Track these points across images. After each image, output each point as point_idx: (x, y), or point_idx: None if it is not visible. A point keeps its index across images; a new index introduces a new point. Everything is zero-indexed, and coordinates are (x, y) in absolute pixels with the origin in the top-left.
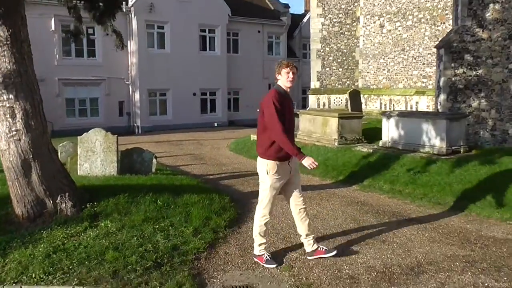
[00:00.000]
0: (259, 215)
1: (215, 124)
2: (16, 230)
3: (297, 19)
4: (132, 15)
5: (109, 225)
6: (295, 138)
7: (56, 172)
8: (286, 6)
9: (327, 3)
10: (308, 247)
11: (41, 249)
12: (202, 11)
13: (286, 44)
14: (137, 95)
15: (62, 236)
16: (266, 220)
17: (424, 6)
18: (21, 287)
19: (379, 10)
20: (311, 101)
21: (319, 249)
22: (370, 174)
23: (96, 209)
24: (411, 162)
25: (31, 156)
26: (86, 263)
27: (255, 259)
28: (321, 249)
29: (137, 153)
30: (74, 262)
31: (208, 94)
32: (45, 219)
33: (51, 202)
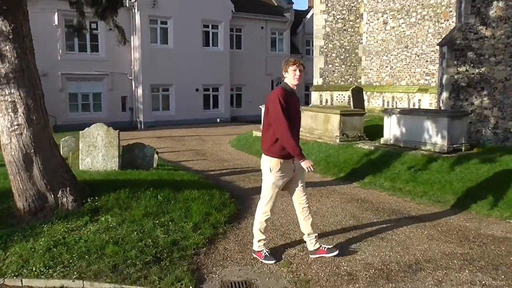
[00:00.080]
0: (260, 212)
1: (218, 120)
2: (18, 224)
3: (301, 15)
4: (136, 10)
5: (110, 220)
6: None
7: (58, 167)
8: (290, 2)
9: (331, 0)
10: (310, 246)
11: (42, 243)
12: (206, 7)
13: (289, 40)
14: (140, 90)
15: (63, 230)
16: (267, 217)
17: (428, 3)
18: (22, 280)
19: (383, 7)
20: (314, 98)
21: (321, 248)
22: (371, 172)
23: (97, 204)
24: (412, 160)
25: (33, 151)
26: (86, 257)
27: (254, 255)
28: (323, 249)
29: (139, 148)
30: (74, 256)
31: (211, 90)
32: (46, 213)
33: (52, 196)
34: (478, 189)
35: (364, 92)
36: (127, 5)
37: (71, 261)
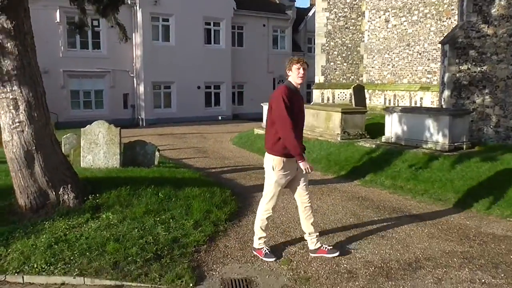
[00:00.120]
0: (262, 209)
1: (219, 118)
2: (19, 221)
3: (303, 13)
4: (137, 8)
5: (111, 217)
6: None
7: (59, 164)
8: (292, 0)
9: None
10: (311, 245)
11: (43, 240)
12: (207, 4)
13: (291, 38)
14: (142, 88)
15: (64, 227)
16: (269, 215)
17: (430, 1)
18: (23, 277)
19: (385, 5)
20: (315, 96)
21: (322, 248)
22: (372, 170)
23: (98, 201)
24: (413, 158)
25: (34, 148)
26: (87, 254)
27: (254, 252)
28: (324, 249)
29: (140, 146)
30: (75, 253)
31: (213, 88)
32: (48, 210)
33: (54, 194)
34: (479, 188)
35: (366, 90)
36: (129, 2)
37: (72, 258)
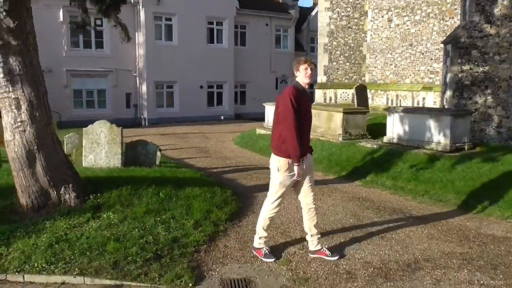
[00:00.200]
0: (267, 209)
1: (222, 117)
2: (20, 220)
3: (306, 13)
4: (140, 7)
5: (111, 217)
6: None
7: (60, 163)
8: None
9: None
10: (312, 246)
11: (44, 239)
12: (210, 4)
13: (294, 38)
14: (144, 87)
15: (65, 227)
16: (273, 215)
17: (433, 1)
18: (24, 276)
19: (388, 4)
20: (318, 96)
21: (322, 250)
22: (373, 170)
23: (99, 201)
24: (414, 159)
25: (36, 147)
26: (88, 254)
27: (254, 252)
28: (324, 251)
29: (142, 146)
30: (76, 252)
31: (215, 87)
32: (49, 210)
33: (55, 193)
34: (480, 189)
35: (368, 90)
36: (132, 2)
37: (73, 258)
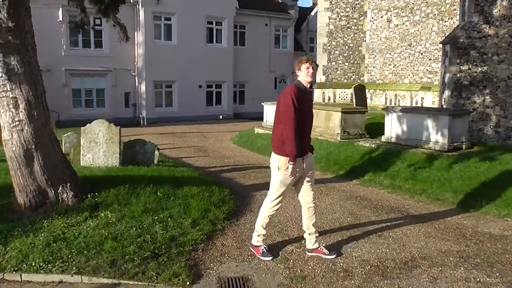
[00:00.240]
0: (267, 207)
1: (220, 117)
2: (18, 219)
3: (305, 13)
4: (140, 6)
5: (109, 216)
6: None
7: (58, 162)
8: None
9: None
10: (309, 244)
11: (42, 238)
12: (210, 3)
13: (293, 38)
14: (143, 87)
15: (63, 226)
16: (272, 213)
17: (432, 1)
18: (21, 275)
19: (387, 5)
20: (316, 95)
21: (319, 249)
22: (371, 169)
23: (97, 200)
24: (412, 158)
25: (34, 146)
26: (85, 253)
27: (252, 250)
28: (321, 249)
29: (140, 145)
30: (73, 251)
31: (214, 87)
32: (47, 209)
33: (53, 192)
34: (477, 188)
35: (367, 90)
36: (131, 1)
37: (70, 257)
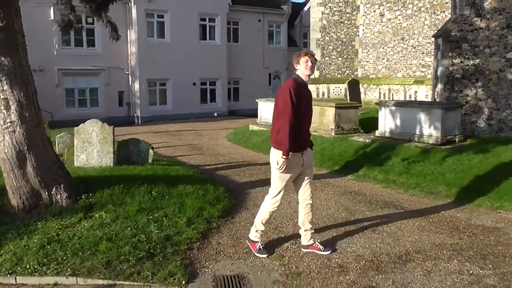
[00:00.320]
0: (268, 203)
1: (215, 114)
2: (12, 222)
3: (298, 8)
4: (132, 4)
5: (104, 216)
6: None
7: (51, 164)
8: None
9: None
10: (304, 241)
11: (36, 240)
12: (202, 0)
13: (287, 33)
14: (137, 85)
15: (57, 227)
16: (273, 210)
17: None
18: (16, 278)
19: None
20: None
21: (314, 245)
22: (365, 164)
23: (91, 200)
24: (406, 152)
25: (26, 148)
26: (80, 254)
27: (248, 244)
28: (316, 246)
29: (134, 144)
30: (68, 253)
31: (208, 84)
32: (40, 211)
33: (46, 194)
34: (470, 180)
35: (361, 85)
36: None
37: (65, 258)
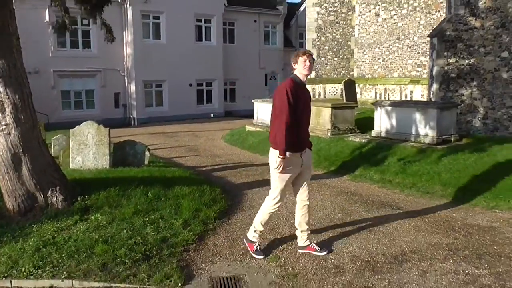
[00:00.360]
0: (269, 205)
1: (212, 115)
2: (7, 224)
3: (294, 8)
4: (127, 5)
5: (100, 218)
6: None
7: (47, 166)
8: None
9: None
10: (301, 242)
11: (31, 243)
12: (198, 1)
13: (283, 34)
14: (133, 87)
15: (53, 230)
16: (273, 211)
17: None
18: (11, 281)
19: None
20: None
21: (311, 246)
22: (362, 164)
23: (87, 202)
24: (402, 152)
25: (21, 150)
26: (76, 257)
27: (246, 243)
28: (312, 246)
29: (130, 146)
30: (64, 256)
31: (204, 85)
32: (36, 213)
33: (42, 196)
34: (466, 180)
35: (357, 85)
36: (119, 0)
37: (61, 261)
